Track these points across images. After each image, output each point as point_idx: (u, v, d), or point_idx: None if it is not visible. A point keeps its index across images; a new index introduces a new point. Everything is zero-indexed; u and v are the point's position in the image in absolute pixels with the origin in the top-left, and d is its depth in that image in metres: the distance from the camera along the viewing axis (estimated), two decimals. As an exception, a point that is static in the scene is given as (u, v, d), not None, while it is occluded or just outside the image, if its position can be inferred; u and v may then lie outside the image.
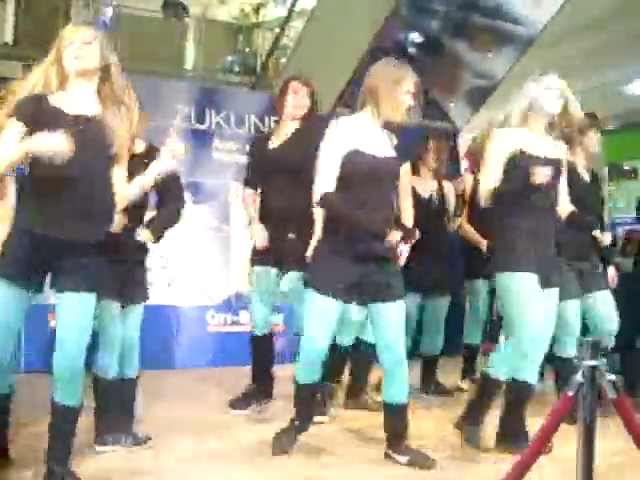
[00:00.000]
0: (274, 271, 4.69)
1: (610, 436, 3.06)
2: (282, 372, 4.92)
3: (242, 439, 4.21)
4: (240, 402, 4.83)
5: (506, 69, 8.11)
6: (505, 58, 8.06)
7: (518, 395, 3.96)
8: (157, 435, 4.06)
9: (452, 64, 8.00)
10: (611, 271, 5.07)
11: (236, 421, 4.63)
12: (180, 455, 3.82)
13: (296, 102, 4.65)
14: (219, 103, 7.08)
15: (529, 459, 2.39)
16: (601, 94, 9.05)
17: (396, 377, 3.76)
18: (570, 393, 2.32)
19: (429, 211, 5.35)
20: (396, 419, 3.80)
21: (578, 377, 2.30)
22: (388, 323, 3.70)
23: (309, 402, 3.93)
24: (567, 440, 2.65)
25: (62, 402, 3.15)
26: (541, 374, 4.82)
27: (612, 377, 2.30)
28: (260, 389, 4.86)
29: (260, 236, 4.67)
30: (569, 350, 4.55)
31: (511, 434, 3.92)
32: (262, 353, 4.86)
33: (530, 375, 3.92)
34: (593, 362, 2.29)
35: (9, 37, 7.25)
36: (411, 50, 7.81)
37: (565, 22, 7.57)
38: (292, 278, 4.55)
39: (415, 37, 7.75)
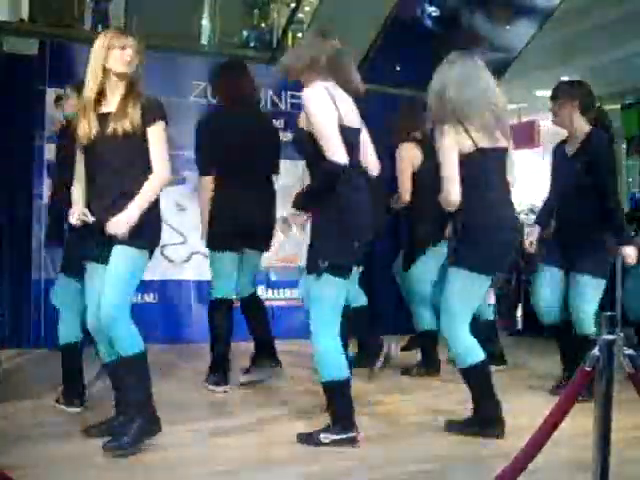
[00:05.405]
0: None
1: (627, 411, 3.05)
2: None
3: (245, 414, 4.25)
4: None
5: (524, 42, 8.04)
6: (523, 31, 7.99)
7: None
8: (170, 407, 4.11)
9: (469, 37, 7.92)
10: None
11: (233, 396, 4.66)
12: (187, 430, 3.85)
13: None
14: (235, 78, 7.02)
15: (545, 434, 2.39)
16: (621, 67, 8.96)
17: None
18: (587, 367, 2.31)
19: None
20: None
21: (595, 351, 2.30)
22: None
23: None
24: (581, 416, 2.64)
25: None
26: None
27: (630, 351, 2.30)
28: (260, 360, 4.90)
29: None
30: None
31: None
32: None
33: None
34: (610, 336, 2.29)
35: (25, 13, 7.22)
36: (428, 23, 7.73)
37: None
38: None
39: (432, 10, 7.69)
